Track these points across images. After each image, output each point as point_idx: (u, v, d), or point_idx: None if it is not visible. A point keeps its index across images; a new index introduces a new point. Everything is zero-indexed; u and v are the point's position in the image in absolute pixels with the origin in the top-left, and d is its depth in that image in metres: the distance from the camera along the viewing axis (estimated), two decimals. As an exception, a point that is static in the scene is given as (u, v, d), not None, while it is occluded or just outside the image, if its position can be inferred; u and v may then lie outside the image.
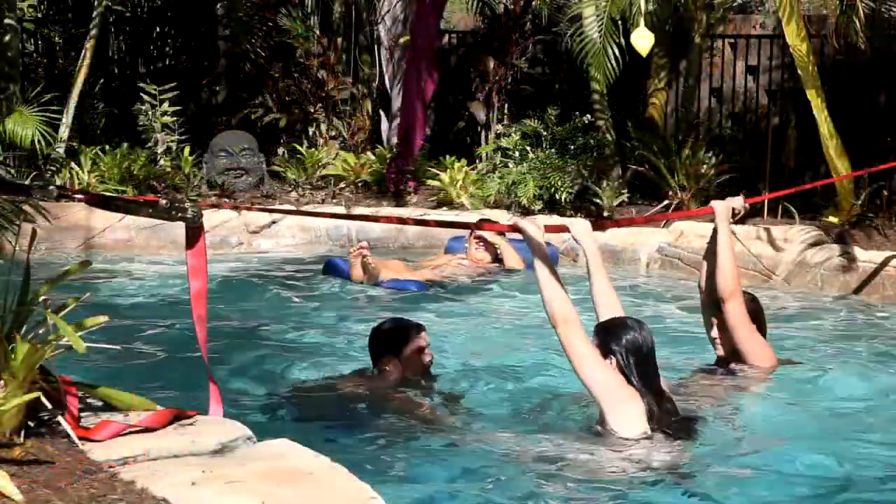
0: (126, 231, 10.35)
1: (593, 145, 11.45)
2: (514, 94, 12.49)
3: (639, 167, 10.95)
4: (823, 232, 9.44)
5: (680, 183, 10.67)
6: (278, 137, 12.78)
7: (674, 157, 10.76)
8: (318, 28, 13.13)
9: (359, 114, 12.91)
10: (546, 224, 5.17)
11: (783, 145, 10.90)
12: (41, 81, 12.11)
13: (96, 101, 13.16)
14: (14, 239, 4.96)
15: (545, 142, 11.37)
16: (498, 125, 12.10)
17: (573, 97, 12.15)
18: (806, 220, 9.99)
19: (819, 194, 10.40)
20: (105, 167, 11.22)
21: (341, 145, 12.65)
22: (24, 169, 10.84)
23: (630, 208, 10.85)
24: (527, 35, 12.43)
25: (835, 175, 9.70)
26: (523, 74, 12.70)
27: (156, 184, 11.42)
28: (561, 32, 12.31)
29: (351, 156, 12.12)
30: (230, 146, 11.98)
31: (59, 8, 14.27)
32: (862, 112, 11.21)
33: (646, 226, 10.11)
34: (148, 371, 6.04)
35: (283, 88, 12.94)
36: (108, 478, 3.10)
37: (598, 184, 10.88)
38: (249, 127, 12.68)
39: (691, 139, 11.13)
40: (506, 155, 11.46)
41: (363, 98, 13.02)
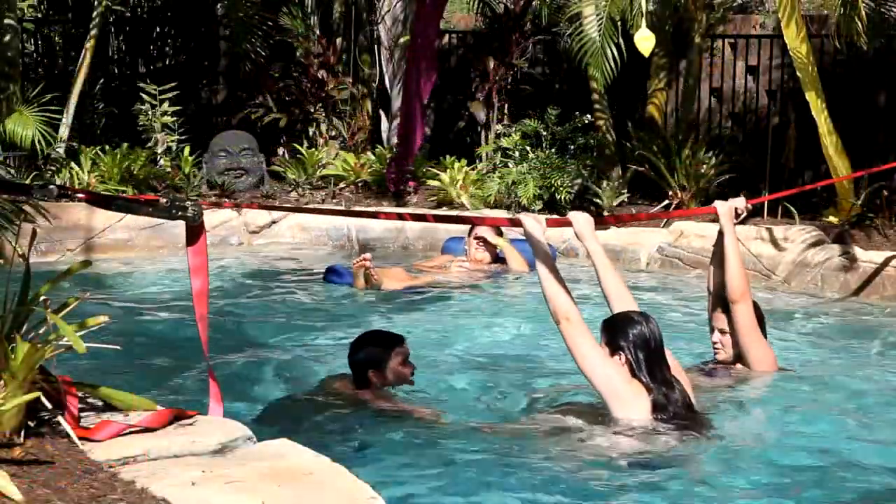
0: (126, 231, 10.34)
1: (593, 145, 11.46)
2: (514, 94, 12.49)
3: (639, 167, 10.94)
4: (823, 232, 9.44)
5: (680, 183, 10.67)
6: (278, 137, 12.78)
7: (674, 157, 10.76)
8: (318, 28, 13.12)
9: (359, 114, 12.90)
10: (548, 218, 5.18)
11: (783, 145, 10.90)
12: (41, 81, 12.10)
13: (96, 101, 13.16)
14: (14, 239, 4.96)
15: (545, 142, 11.37)
16: (498, 125, 12.09)
17: (573, 97, 12.15)
18: (806, 220, 9.99)
19: (819, 194, 10.40)
20: (105, 167, 11.21)
21: (341, 145, 12.64)
22: (24, 169, 10.83)
23: (630, 208, 10.84)
24: (527, 35, 12.43)
25: (835, 175, 9.69)
26: (523, 74, 12.70)
27: (156, 184, 11.42)
28: (560, 32, 12.31)
29: (351, 156, 12.12)
30: (230, 146, 11.98)
31: (59, 8, 14.26)
32: (862, 112, 11.21)
33: (646, 226, 10.11)
34: (148, 371, 6.04)
35: (283, 88, 12.94)
36: (108, 478, 3.10)
37: (598, 184, 10.88)
38: (249, 127, 12.68)
39: (691, 139, 11.13)
40: (506, 155, 11.46)
41: (363, 98, 13.01)
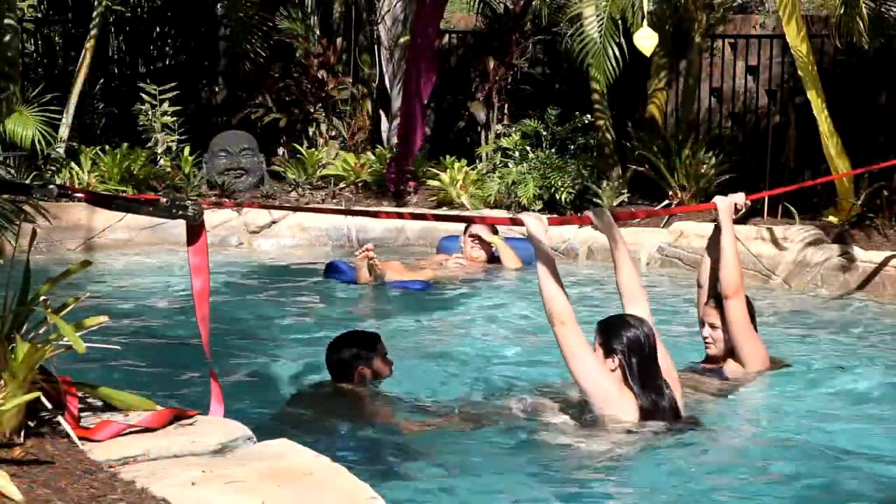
0: (126, 231, 10.35)
1: (593, 145, 11.46)
2: (514, 94, 12.49)
3: (639, 167, 10.94)
4: (823, 232, 9.44)
5: (680, 183, 10.67)
6: (278, 137, 12.78)
7: (674, 157, 10.76)
8: (318, 28, 13.12)
9: (359, 114, 12.90)
10: (566, 217, 5.22)
11: (783, 145, 10.90)
12: (41, 81, 12.10)
13: (96, 101, 13.16)
14: (14, 239, 4.96)
15: (545, 142, 11.37)
16: (498, 125, 12.09)
17: (573, 97, 12.15)
18: (806, 220, 9.98)
19: (819, 194, 10.40)
20: (105, 167, 11.21)
21: (341, 145, 12.64)
22: (25, 169, 10.83)
23: (630, 208, 10.84)
24: (527, 35, 12.43)
25: (835, 175, 9.69)
26: (523, 74, 12.70)
27: (156, 184, 11.42)
28: (561, 32, 12.31)
29: (351, 156, 12.12)
30: (230, 146, 11.98)
31: (59, 8, 14.26)
32: (862, 112, 11.21)
33: (646, 226, 10.12)
34: (148, 371, 6.04)
35: (283, 88, 12.93)
36: (108, 478, 3.10)
37: (598, 184, 10.88)
38: (249, 127, 12.68)
39: (691, 139, 11.13)
40: (506, 155, 11.46)
41: (363, 98, 13.01)
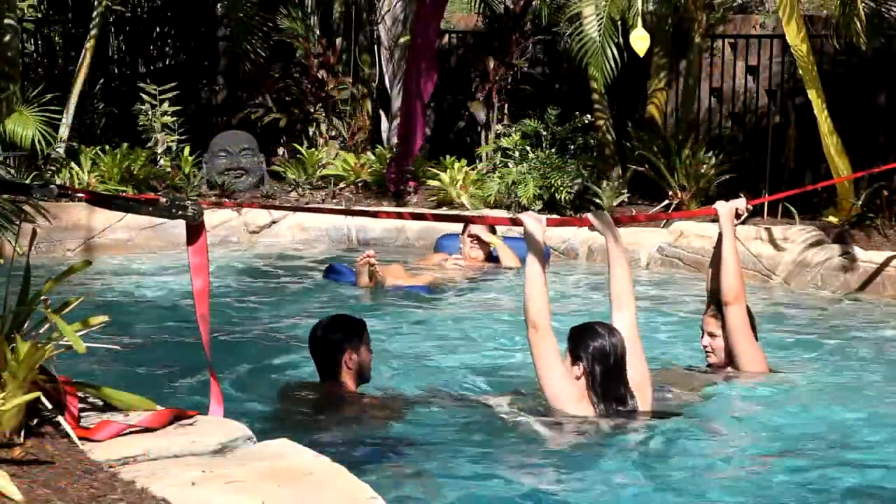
0: (126, 231, 10.35)
1: (593, 145, 11.46)
2: (514, 94, 12.49)
3: (639, 167, 10.94)
4: (823, 232, 9.44)
5: (680, 183, 10.67)
6: (278, 137, 12.77)
7: (674, 157, 10.75)
8: (318, 28, 13.12)
9: (359, 114, 12.90)
10: (565, 218, 5.24)
11: (783, 145, 10.90)
12: (41, 81, 12.10)
13: (96, 101, 13.15)
14: (14, 239, 4.96)
15: (545, 142, 11.37)
16: (498, 125, 12.09)
17: (573, 97, 12.14)
18: (806, 220, 9.98)
19: (819, 194, 10.40)
20: (105, 167, 11.21)
21: (341, 145, 12.64)
22: (25, 169, 10.83)
23: (630, 208, 10.84)
24: (527, 35, 12.43)
25: (835, 175, 9.70)
26: (523, 74, 12.69)
27: (156, 184, 11.42)
28: (560, 32, 12.31)
29: (351, 156, 12.12)
30: (230, 146, 11.98)
31: (59, 8, 14.26)
32: (862, 112, 11.21)
33: (646, 226, 10.11)
34: (148, 371, 6.04)
35: (283, 88, 12.93)
36: (108, 478, 3.10)
37: (598, 184, 10.87)
38: (249, 127, 12.67)
39: (691, 139, 11.12)
40: (506, 155, 11.46)
41: (363, 98, 13.01)
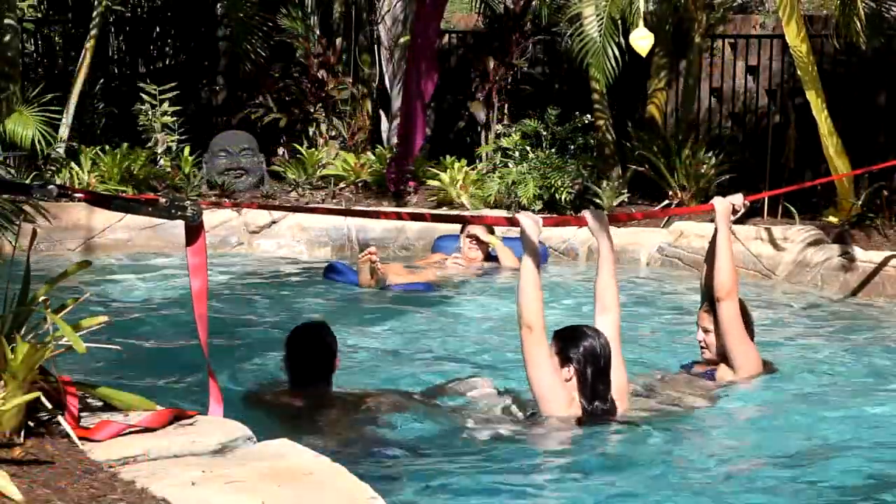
0: (126, 231, 10.35)
1: (593, 145, 11.46)
2: (514, 94, 12.49)
3: (639, 167, 10.94)
4: (823, 232, 9.44)
5: (680, 183, 10.67)
6: (278, 137, 12.77)
7: (674, 157, 10.76)
8: (318, 28, 13.12)
9: (359, 114, 12.90)
10: (559, 217, 5.26)
11: (783, 145, 10.90)
12: (41, 81, 12.10)
13: (96, 101, 13.15)
14: (14, 239, 4.97)
15: (545, 142, 11.37)
16: (498, 125, 12.09)
17: (573, 97, 12.15)
18: (806, 220, 9.99)
19: (819, 194, 10.40)
20: (105, 167, 11.21)
21: (341, 145, 12.64)
22: (25, 169, 10.83)
23: (630, 208, 10.84)
24: (527, 35, 12.43)
25: (835, 175, 9.70)
26: (523, 74, 12.69)
27: (156, 184, 11.41)
28: (560, 32, 12.31)
29: (351, 156, 12.12)
30: (230, 146, 11.97)
31: (59, 8, 14.25)
32: (862, 112, 11.21)
33: (646, 226, 10.12)
34: (148, 371, 6.04)
35: (283, 88, 12.93)
36: (108, 478, 3.10)
37: (598, 184, 10.88)
38: (249, 127, 12.67)
39: (691, 139, 11.13)
40: (506, 155, 11.46)
41: (363, 98, 13.01)
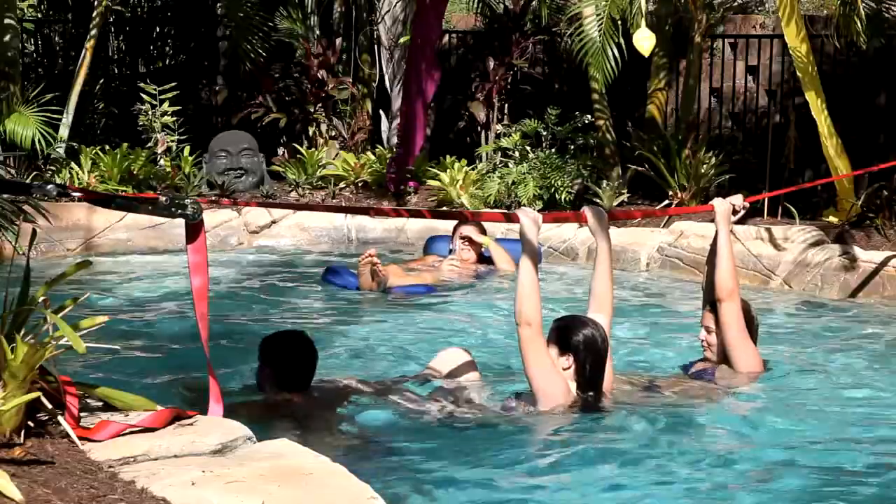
0: (126, 231, 10.35)
1: (593, 145, 11.46)
2: (514, 94, 12.49)
3: (639, 167, 10.94)
4: (823, 232, 9.43)
5: (680, 183, 10.67)
6: (278, 137, 12.77)
7: (674, 157, 10.75)
8: (318, 28, 13.12)
9: (359, 114, 12.90)
10: (560, 213, 5.29)
11: (783, 145, 10.90)
12: (41, 81, 12.09)
13: (96, 101, 13.15)
14: (14, 239, 4.97)
15: (545, 142, 11.37)
16: (498, 125, 12.09)
17: (573, 97, 12.15)
18: (806, 220, 9.98)
19: (819, 194, 10.40)
20: (105, 167, 11.21)
21: (341, 145, 12.64)
22: (25, 169, 10.82)
23: (630, 208, 10.84)
24: (527, 35, 12.43)
25: (835, 175, 9.70)
26: (523, 74, 12.70)
27: (156, 184, 11.41)
28: (560, 32, 12.31)
29: (351, 156, 12.12)
30: (230, 146, 11.97)
31: (59, 8, 14.25)
32: (862, 112, 11.21)
33: (646, 226, 10.12)
34: (148, 371, 6.04)
35: (283, 88, 12.93)
36: (108, 478, 3.10)
37: (598, 184, 10.88)
38: (249, 127, 12.67)
39: (691, 139, 11.13)
40: (506, 155, 11.46)
41: (363, 98, 13.01)
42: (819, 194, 10.39)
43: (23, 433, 3.31)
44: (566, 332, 5.02)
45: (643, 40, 7.44)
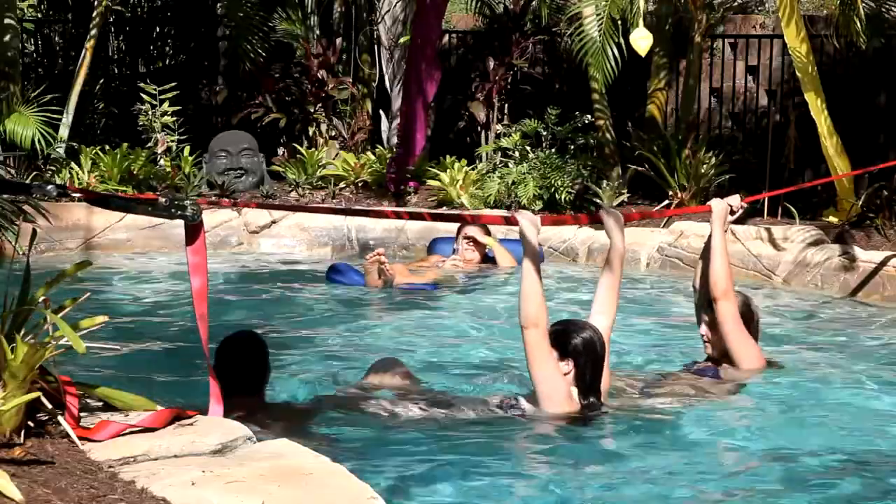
0: (126, 231, 10.35)
1: (593, 145, 11.46)
2: (514, 94, 12.49)
3: (639, 167, 10.95)
4: (823, 232, 9.43)
5: (680, 183, 10.67)
6: (278, 137, 12.77)
7: (674, 157, 10.76)
8: (318, 28, 13.12)
9: (359, 114, 12.89)
10: (559, 216, 5.30)
11: (783, 145, 10.90)
12: (41, 81, 12.10)
13: (96, 101, 13.15)
14: (14, 239, 4.97)
15: (545, 142, 11.37)
16: (498, 125, 12.09)
17: (573, 97, 12.15)
18: (806, 220, 9.98)
19: (819, 194, 10.40)
20: (105, 167, 11.21)
21: (341, 145, 12.64)
22: (25, 169, 10.82)
23: (630, 208, 10.84)
24: (527, 35, 12.43)
25: (835, 175, 9.70)
26: (523, 74, 12.70)
27: (156, 184, 11.41)
28: (560, 32, 12.30)
29: (351, 156, 12.11)
30: (230, 146, 11.97)
31: (59, 8, 14.25)
32: (862, 112, 11.21)
33: (646, 226, 10.11)
34: (148, 371, 6.04)
35: (283, 88, 12.93)
36: (108, 478, 3.10)
37: (598, 184, 10.88)
38: (249, 127, 12.67)
39: (691, 139, 11.13)
40: (506, 155, 11.47)
41: (363, 98, 13.01)
42: (819, 194, 10.40)
43: (23, 433, 3.31)
44: (564, 338, 5.00)
45: (640, 40, 7.46)
